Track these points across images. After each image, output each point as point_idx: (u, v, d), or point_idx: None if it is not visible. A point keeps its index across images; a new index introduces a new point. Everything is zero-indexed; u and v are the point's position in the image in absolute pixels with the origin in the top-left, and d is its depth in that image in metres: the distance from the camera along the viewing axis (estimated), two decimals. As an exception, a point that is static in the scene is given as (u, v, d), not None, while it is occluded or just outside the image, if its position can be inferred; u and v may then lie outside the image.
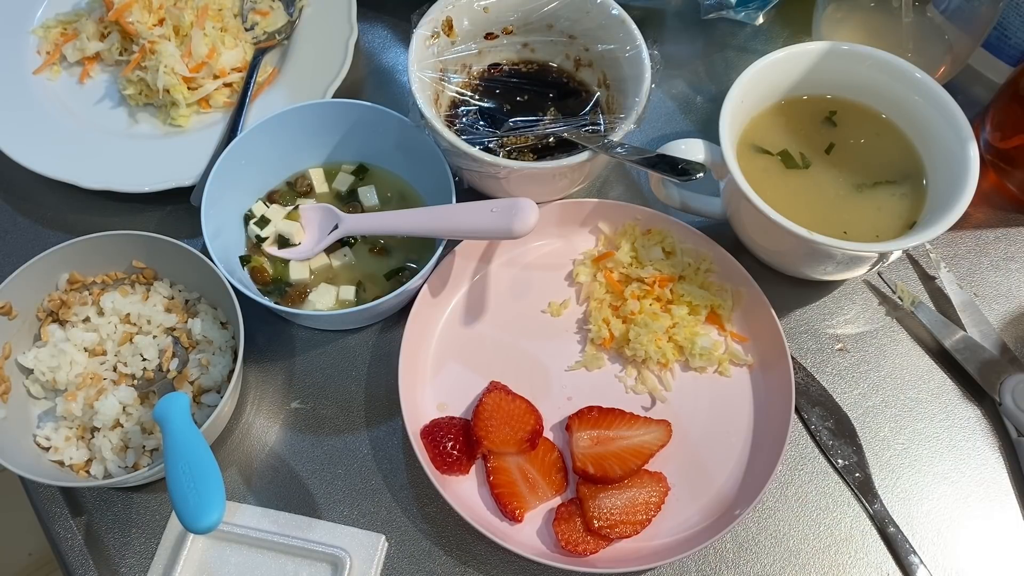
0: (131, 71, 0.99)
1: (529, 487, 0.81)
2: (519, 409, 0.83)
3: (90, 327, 0.84)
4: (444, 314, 0.90)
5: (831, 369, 0.90)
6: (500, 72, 0.98)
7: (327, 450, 0.85)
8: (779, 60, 0.89)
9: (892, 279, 0.94)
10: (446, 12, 0.91)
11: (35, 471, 0.76)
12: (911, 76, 0.88)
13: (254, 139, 0.90)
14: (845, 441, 0.86)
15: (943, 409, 0.88)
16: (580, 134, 0.88)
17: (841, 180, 0.89)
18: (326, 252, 0.90)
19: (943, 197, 0.83)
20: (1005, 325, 0.92)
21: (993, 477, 0.85)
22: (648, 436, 0.82)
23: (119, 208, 0.96)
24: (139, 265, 0.87)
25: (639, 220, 0.92)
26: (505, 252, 0.93)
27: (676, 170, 0.82)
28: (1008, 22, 0.98)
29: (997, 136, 0.97)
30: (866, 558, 0.81)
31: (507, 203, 0.80)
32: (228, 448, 0.85)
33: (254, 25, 1.05)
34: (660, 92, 1.06)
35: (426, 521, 0.82)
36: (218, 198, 0.87)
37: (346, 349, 0.90)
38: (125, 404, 0.80)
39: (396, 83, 1.07)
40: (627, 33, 0.90)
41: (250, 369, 0.89)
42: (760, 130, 0.91)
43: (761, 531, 0.82)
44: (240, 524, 0.80)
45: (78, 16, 1.05)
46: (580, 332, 0.90)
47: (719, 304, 0.89)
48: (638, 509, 0.79)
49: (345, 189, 0.94)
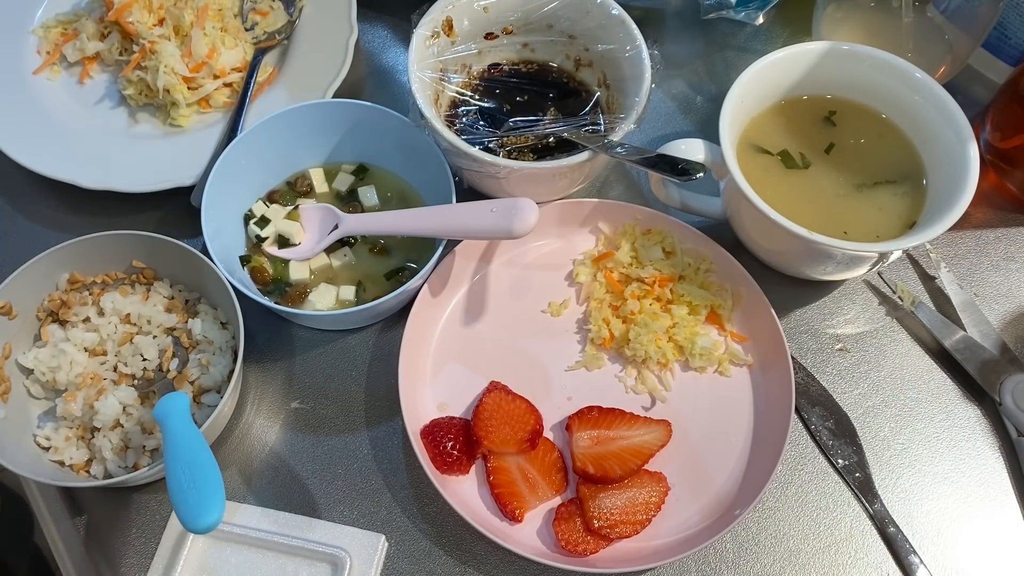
0: (131, 71, 0.99)
1: (529, 487, 0.81)
2: (519, 409, 0.83)
3: (90, 327, 0.84)
4: (444, 314, 0.90)
5: (831, 369, 0.90)
6: (500, 72, 0.98)
7: (327, 450, 0.85)
8: (779, 60, 0.89)
9: (892, 279, 0.94)
10: (446, 12, 0.91)
11: (35, 471, 0.76)
12: (911, 76, 0.88)
13: (254, 139, 0.90)
14: (845, 441, 0.86)
15: (943, 409, 0.88)
16: (580, 134, 0.88)
17: (841, 180, 0.89)
18: (326, 252, 0.90)
19: (943, 197, 0.83)
20: (1005, 325, 0.92)
21: (993, 477, 0.85)
22: (648, 436, 0.82)
23: (119, 208, 0.96)
24: (139, 265, 0.87)
25: (639, 220, 0.92)
26: (505, 252, 0.93)
27: (676, 170, 0.82)
28: (1008, 22, 0.98)
29: (997, 136, 0.97)
30: (866, 558, 0.81)
31: (507, 203, 0.80)
32: (228, 448, 0.85)
33: (254, 25, 1.05)
34: (660, 92, 1.06)
35: (426, 521, 0.82)
36: (218, 198, 0.86)
37: (346, 349, 0.90)
38: (125, 404, 0.80)
39: (396, 83, 1.07)
40: (627, 33, 0.90)
41: (250, 369, 0.89)
42: (760, 130, 0.91)
43: (761, 531, 0.82)
44: (240, 524, 0.80)
45: (78, 16, 1.05)
46: (580, 332, 0.90)
47: (719, 304, 0.89)
48: (638, 509, 0.79)
49: (345, 189, 0.94)
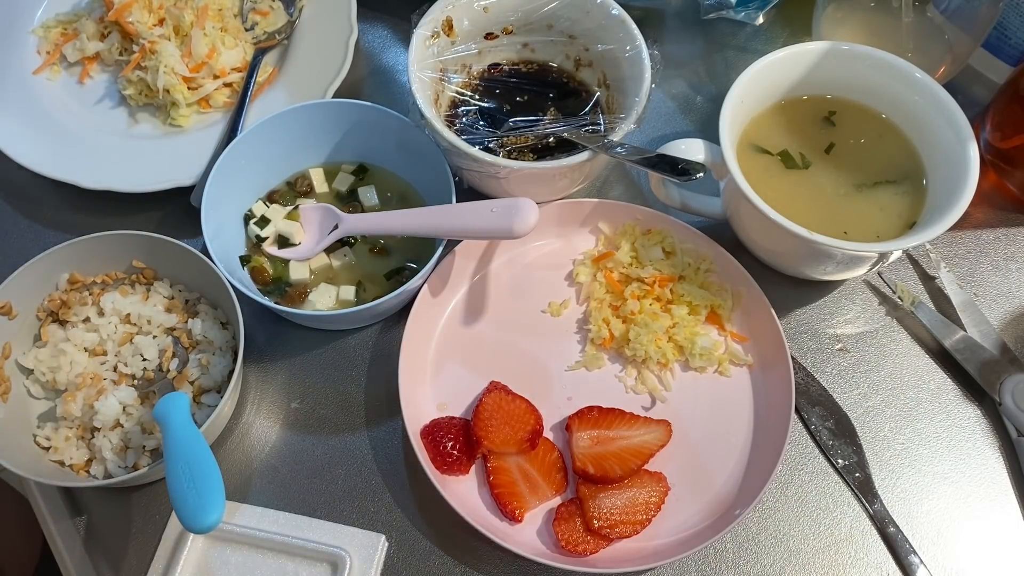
0: (131, 71, 0.99)
1: (529, 487, 0.81)
2: (519, 409, 0.83)
3: (90, 327, 0.84)
4: (444, 314, 0.90)
5: (831, 369, 0.90)
6: (500, 72, 0.98)
7: (327, 450, 0.85)
8: (779, 60, 0.89)
9: (892, 279, 0.94)
10: (446, 12, 0.91)
11: (35, 471, 0.76)
12: (911, 76, 0.88)
13: (254, 139, 0.90)
14: (845, 441, 0.86)
15: (943, 409, 0.88)
16: (580, 134, 0.88)
17: (841, 180, 0.89)
18: (326, 252, 0.90)
19: (943, 197, 0.83)
20: (1005, 325, 0.92)
21: (993, 477, 0.85)
22: (648, 436, 0.82)
23: (119, 208, 0.96)
24: (139, 265, 0.87)
25: (639, 220, 0.92)
26: (505, 252, 0.93)
27: (676, 170, 0.82)
28: (1008, 22, 0.98)
29: (997, 136, 0.97)
30: (866, 558, 0.81)
31: (507, 203, 0.80)
32: (228, 448, 0.85)
33: (254, 25, 1.05)
34: (660, 92, 1.06)
35: (426, 521, 0.82)
36: (218, 198, 0.86)
37: (346, 349, 0.90)
38: (125, 404, 0.80)
39: (396, 83, 1.07)
40: (627, 33, 0.90)
41: (250, 369, 0.89)
42: (760, 130, 0.91)
43: (761, 531, 0.82)
44: (240, 524, 0.80)
45: (78, 16, 1.05)
46: (580, 332, 0.90)
47: (719, 304, 0.89)
48: (638, 509, 0.79)
49: (345, 189, 0.94)
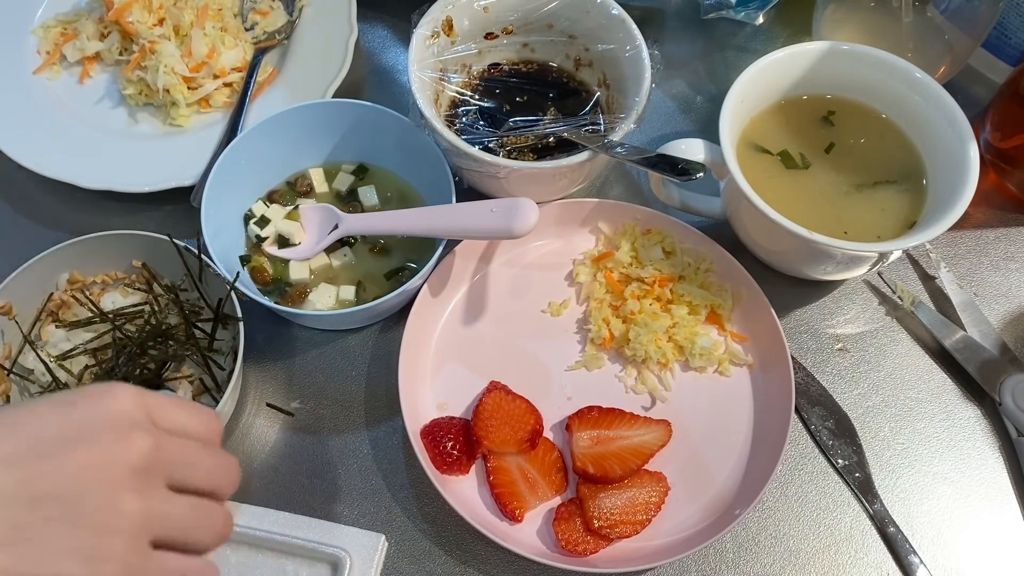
0: (131, 71, 0.99)
1: (529, 487, 0.81)
2: (519, 409, 0.83)
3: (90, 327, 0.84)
4: (444, 314, 0.90)
5: (831, 369, 0.90)
6: (500, 72, 0.98)
7: (327, 450, 0.85)
8: (779, 60, 0.89)
9: (892, 279, 0.94)
10: (446, 12, 0.91)
11: (35, 471, 0.76)
12: (911, 76, 0.88)
13: (254, 139, 0.89)
14: (845, 441, 0.86)
15: (943, 409, 0.88)
16: (580, 134, 0.88)
17: (841, 180, 0.89)
18: (326, 252, 0.90)
19: (943, 197, 0.83)
20: (1005, 325, 0.92)
21: (993, 477, 0.85)
22: (648, 436, 0.82)
23: (119, 208, 0.96)
24: (139, 265, 0.87)
25: (639, 220, 0.92)
26: (505, 252, 0.93)
27: (676, 170, 0.82)
28: (1008, 22, 0.98)
29: (997, 136, 0.97)
30: (866, 558, 0.81)
31: (507, 203, 0.80)
32: (228, 448, 0.85)
33: (254, 25, 1.05)
34: (660, 92, 1.06)
35: (426, 521, 0.82)
36: (218, 198, 0.86)
37: (346, 349, 0.90)
38: (125, 404, 0.80)
39: (396, 83, 1.07)
40: (627, 33, 0.90)
41: (250, 369, 0.89)
42: (760, 130, 0.91)
43: (761, 531, 0.82)
44: (240, 524, 0.79)
45: (78, 16, 1.05)
46: (580, 332, 0.90)
47: (719, 304, 0.89)
48: (638, 509, 0.79)
49: (345, 189, 0.94)
